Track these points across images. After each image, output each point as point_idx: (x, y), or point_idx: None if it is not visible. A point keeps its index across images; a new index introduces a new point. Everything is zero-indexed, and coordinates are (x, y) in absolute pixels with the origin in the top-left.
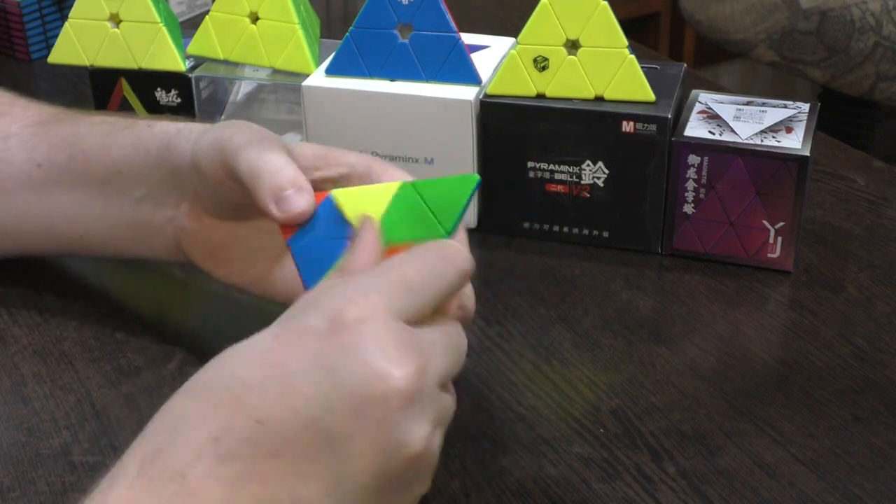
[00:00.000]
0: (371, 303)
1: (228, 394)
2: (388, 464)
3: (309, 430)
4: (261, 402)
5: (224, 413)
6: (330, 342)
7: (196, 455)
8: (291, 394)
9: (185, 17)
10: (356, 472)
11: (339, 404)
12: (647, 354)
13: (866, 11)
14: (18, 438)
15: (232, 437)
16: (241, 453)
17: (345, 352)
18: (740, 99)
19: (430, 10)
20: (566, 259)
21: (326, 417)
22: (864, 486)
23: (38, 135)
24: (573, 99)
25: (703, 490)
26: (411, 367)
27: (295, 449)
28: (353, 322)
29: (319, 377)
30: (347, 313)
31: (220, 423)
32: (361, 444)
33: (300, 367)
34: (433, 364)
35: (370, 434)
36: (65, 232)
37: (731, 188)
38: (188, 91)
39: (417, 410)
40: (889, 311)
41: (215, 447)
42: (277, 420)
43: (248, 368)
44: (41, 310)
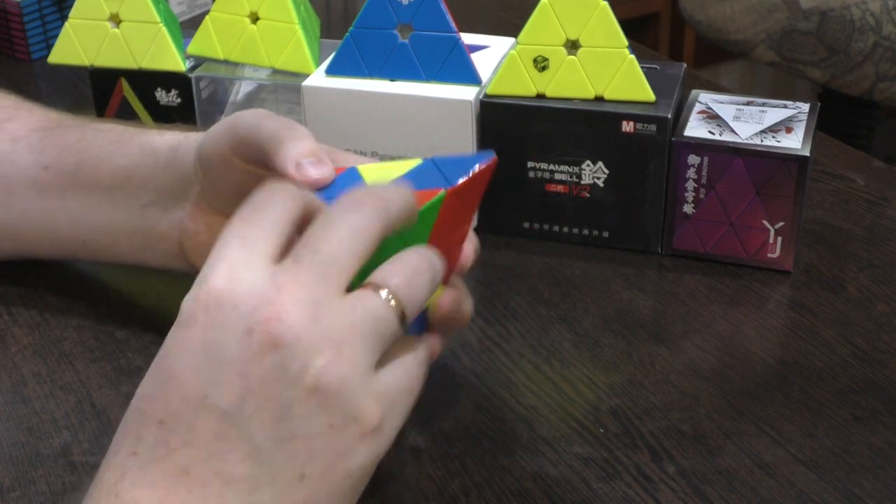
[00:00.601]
0: (219, 271)
1: (134, 411)
2: (294, 409)
3: (204, 411)
4: (157, 404)
5: (133, 428)
6: (195, 325)
7: (121, 473)
8: (177, 385)
9: (185, 17)
10: (267, 431)
11: (221, 377)
12: (647, 354)
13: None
14: (18, 438)
15: (145, 446)
16: (156, 455)
17: (209, 326)
18: (740, 99)
19: (430, 10)
20: (566, 259)
21: (214, 393)
22: (863, 485)
23: (46, 139)
24: (573, 99)
25: (702, 490)
26: (271, 307)
27: (200, 432)
28: (208, 297)
29: (196, 359)
30: (202, 291)
31: (133, 437)
32: (257, 404)
33: (177, 357)
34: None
35: (260, 391)
36: (68, 237)
37: (731, 188)
38: (188, 91)
39: (297, 344)
40: (889, 311)
41: (135, 460)
42: (174, 413)
43: (145, 382)
44: (41, 310)
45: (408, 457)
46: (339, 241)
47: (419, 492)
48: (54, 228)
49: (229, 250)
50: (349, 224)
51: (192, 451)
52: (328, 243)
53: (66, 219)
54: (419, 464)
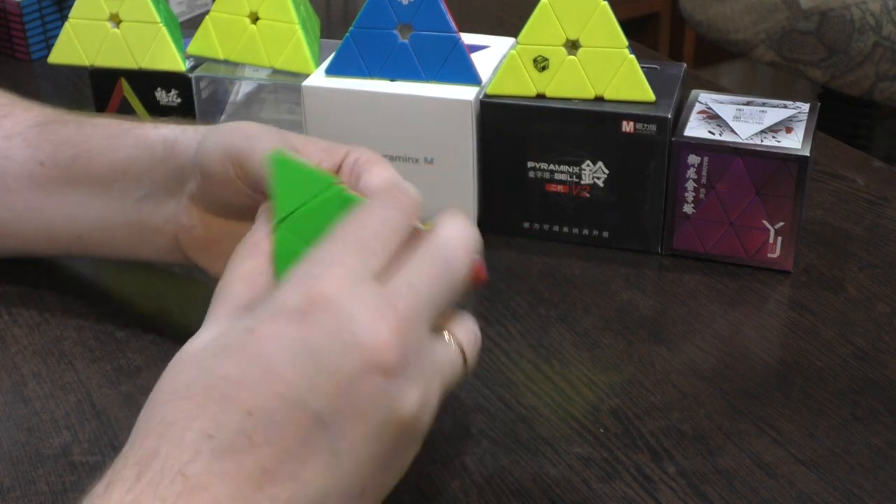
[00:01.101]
0: (335, 274)
1: (213, 392)
2: (382, 433)
3: (298, 413)
4: (246, 393)
5: (213, 409)
6: (304, 321)
7: (193, 453)
8: (274, 380)
9: (185, 17)
10: (351, 446)
11: (323, 383)
12: (647, 354)
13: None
14: (18, 438)
15: (225, 432)
16: (236, 446)
17: (320, 330)
18: (740, 99)
19: (430, 10)
20: (566, 259)
21: (313, 398)
22: (863, 485)
23: (42, 134)
24: (573, 99)
25: (702, 490)
26: (387, 333)
27: (288, 434)
28: (321, 298)
29: (299, 359)
30: (314, 290)
31: (211, 419)
32: (352, 419)
33: (278, 352)
34: (412, 313)
35: (360, 408)
36: (64, 231)
37: (731, 188)
38: (188, 91)
39: (402, 375)
40: (889, 311)
41: (210, 443)
42: (266, 408)
43: (228, 364)
44: (41, 310)
45: None
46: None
47: (419, 492)
48: (50, 223)
49: (345, 254)
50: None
51: (274, 450)
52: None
53: (62, 213)
54: (419, 464)
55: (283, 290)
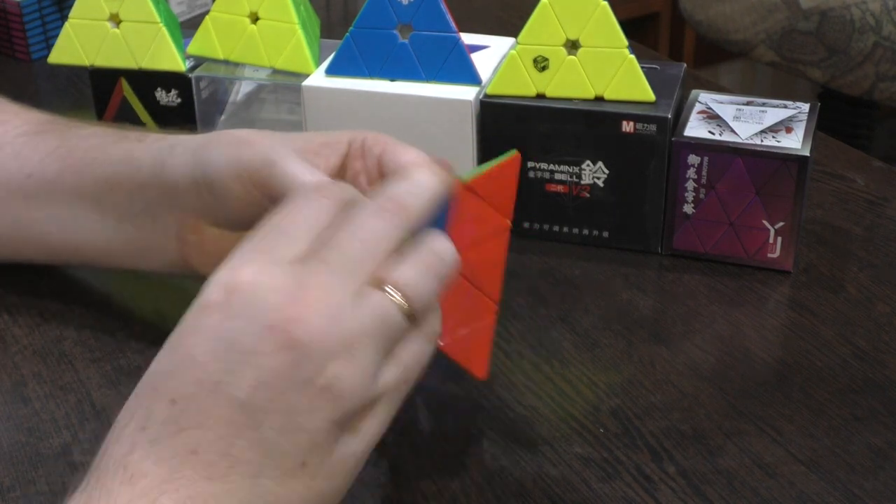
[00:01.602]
0: (251, 262)
1: (147, 385)
2: (305, 405)
3: (217, 396)
4: (170, 383)
5: (145, 403)
6: (222, 311)
7: (131, 446)
8: (192, 367)
9: (185, 17)
10: (275, 420)
11: (237, 365)
12: (647, 354)
13: (866, 11)
14: (18, 438)
15: (155, 422)
16: (166, 433)
17: (233, 316)
18: (740, 99)
19: (430, 10)
20: (566, 259)
21: (229, 380)
22: (863, 486)
23: (28, 145)
24: (573, 99)
25: (702, 490)
26: (292, 309)
27: (211, 416)
28: (235, 287)
29: (215, 345)
30: (231, 280)
31: (144, 412)
32: (270, 395)
33: (197, 342)
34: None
35: (274, 384)
36: (60, 244)
37: (730, 188)
38: (188, 91)
39: (315, 347)
40: (889, 311)
41: (144, 434)
42: (187, 395)
43: (161, 357)
44: (41, 310)
45: (408, 457)
46: (361, 243)
47: (419, 492)
48: (45, 235)
49: (263, 243)
50: (372, 229)
51: (201, 432)
52: (351, 245)
53: (56, 226)
54: (419, 464)
55: (207, 285)
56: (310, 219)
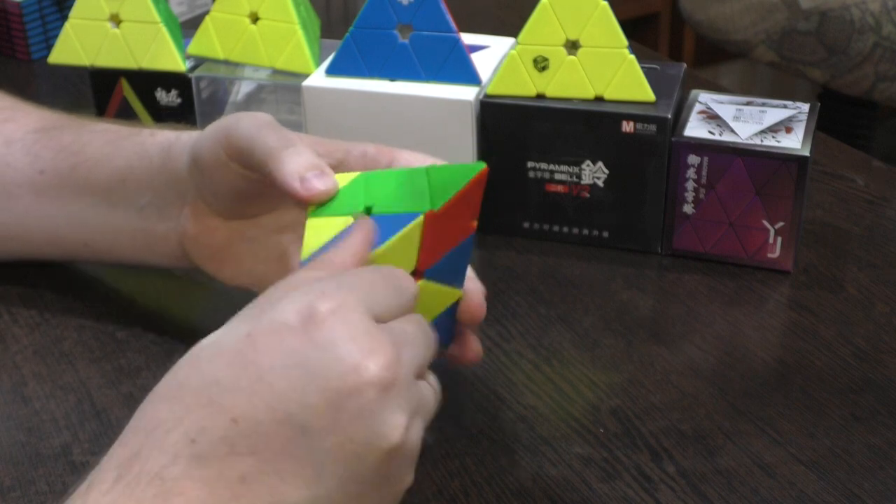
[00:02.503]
0: (343, 297)
1: (203, 394)
2: (367, 456)
3: (285, 427)
4: (235, 400)
5: (199, 413)
6: (302, 337)
7: (173, 457)
8: (265, 390)
9: (185, 17)
10: (335, 466)
11: (314, 399)
12: (647, 354)
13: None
14: (18, 438)
15: (208, 437)
16: (217, 453)
17: (317, 346)
18: (740, 99)
19: (430, 10)
20: (566, 259)
21: (302, 413)
22: (863, 486)
23: (40, 141)
24: (573, 99)
25: (702, 490)
26: (384, 358)
27: (272, 446)
28: (325, 316)
29: (293, 372)
30: (319, 307)
31: (196, 423)
32: (339, 438)
33: (273, 363)
34: (406, 354)
35: (347, 427)
36: (69, 238)
37: (730, 188)
38: (188, 91)
39: (393, 401)
40: (889, 311)
41: (192, 448)
42: (252, 418)
43: (222, 367)
44: (41, 310)
45: None
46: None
47: (419, 492)
48: (55, 230)
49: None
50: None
51: (255, 461)
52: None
53: (66, 221)
54: (419, 464)
55: (288, 302)
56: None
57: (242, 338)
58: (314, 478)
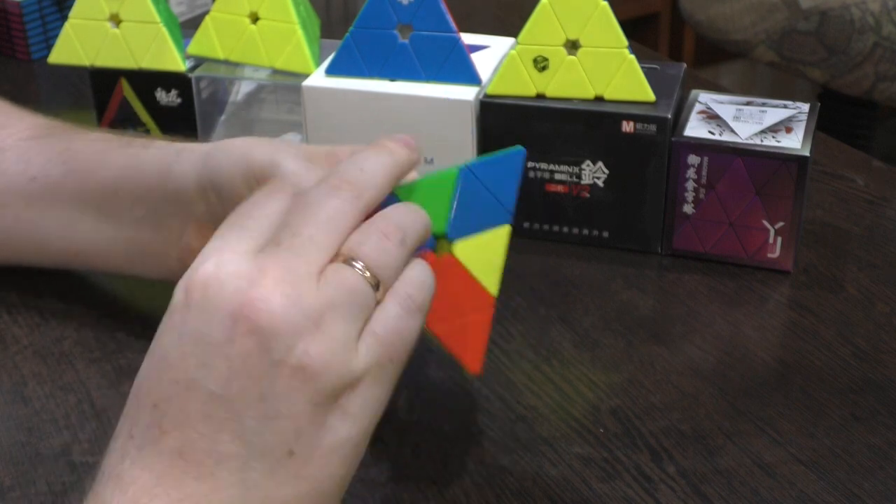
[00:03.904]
0: (210, 260)
1: (132, 395)
2: (279, 389)
3: (193, 393)
4: (150, 387)
5: (131, 412)
6: (187, 310)
7: (122, 455)
8: (167, 368)
9: (185, 17)
10: (253, 410)
11: (208, 359)
12: (647, 354)
13: (866, 11)
14: (18, 438)
15: (140, 428)
16: (151, 437)
17: (197, 312)
18: (740, 99)
19: (430, 10)
20: (566, 259)
21: (203, 375)
22: (863, 486)
23: (33, 148)
24: (573, 99)
25: (702, 490)
26: (250, 292)
27: (190, 415)
28: (197, 284)
29: (184, 343)
30: (193, 279)
31: (130, 420)
32: (242, 384)
33: (167, 341)
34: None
35: (244, 372)
36: (60, 247)
37: (730, 188)
38: (188, 91)
39: (279, 328)
40: (889, 311)
41: (132, 442)
42: (166, 396)
43: (142, 366)
44: (41, 310)
45: (408, 457)
46: (316, 223)
47: (419, 492)
48: (45, 238)
49: (221, 241)
50: (326, 209)
51: (183, 432)
52: (307, 226)
53: (57, 229)
54: (419, 464)
55: (176, 286)
56: (265, 210)
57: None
58: (241, 428)
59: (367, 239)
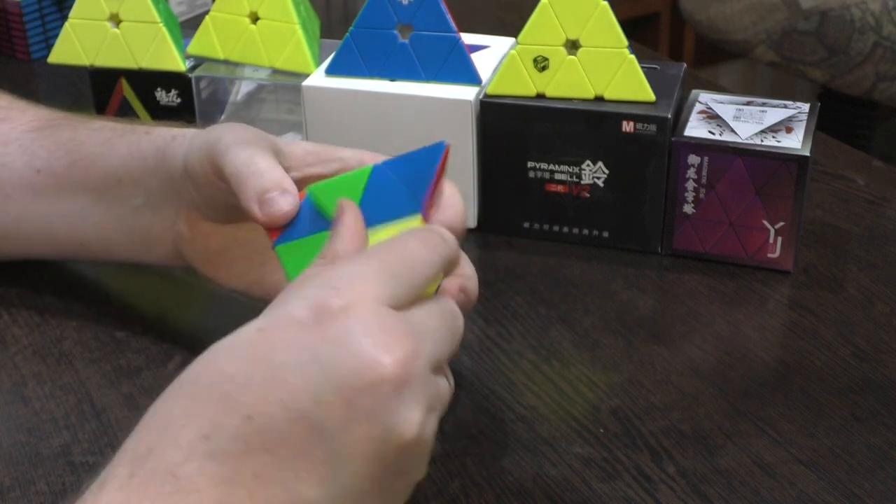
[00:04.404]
0: (355, 290)
1: (216, 390)
2: (382, 451)
3: (299, 423)
4: (249, 397)
5: (213, 410)
6: (316, 332)
7: (187, 454)
8: (280, 387)
9: (185, 17)
10: (350, 462)
11: (329, 395)
12: (647, 354)
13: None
14: (18, 438)
15: (222, 435)
16: (231, 450)
17: (331, 341)
18: (740, 99)
19: (430, 10)
20: (566, 259)
21: (316, 409)
22: (864, 486)
23: (37, 140)
24: (573, 99)
25: (702, 490)
26: (400, 353)
27: (286, 443)
28: (338, 310)
29: (307, 369)
30: (332, 301)
31: (210, 420)
32: (354, 434)
33: (287, 359)
34: (424, 348)
35: (362, 423)
36: (65, 238)
37: (730, 188)
38: (188, 91)
39: (409, 396)
40: (889, 311)
41: (206, 445)
42: (267, 414)
43: (235, 363)
44: (41, 310)
45: None
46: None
47: (419, 492)
48: (51, 230)
49: (370, 275)
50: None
51: (270, 458)
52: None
53: (62, 220)
54: None
55: (301, 296)
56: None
57: (254, 333)
58: (329, 475)
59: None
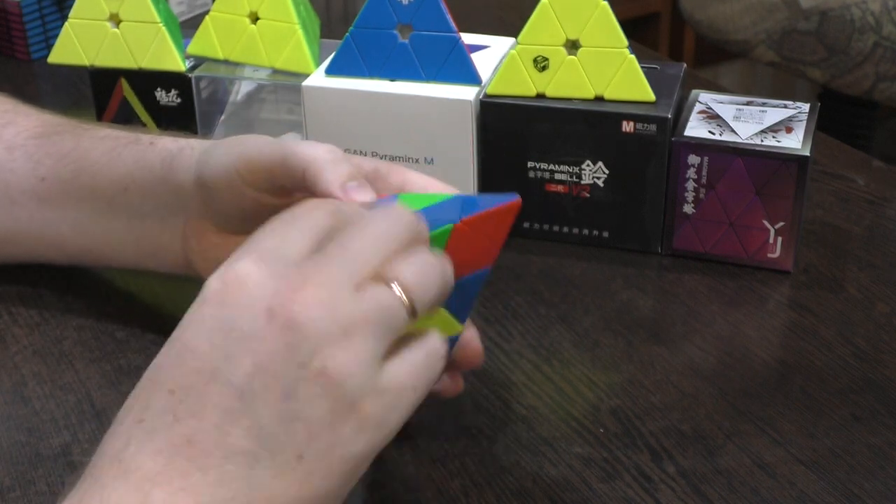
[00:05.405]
0: (251, 257)
1: (146, 380)
2: (301, 392)
3: (215, 384)
4: (168, 374)
5: (143, 395)
6: (218, 303)
7: (127, 439)
8: (190, 356)
9: (185, 17)
10: (272, 409)
11: (235, 352)
12: (647, 354)
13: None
14: (18, 438)
15: (152, 413)
16: (162, 424)
17: (230, 305)
18: (740, 99)
19: (430, 10)
20: (566, 259)
21: (227, 367)
22: (864, 486)
23: (42, 147)
24: (573, 99)
25: (703, 490)
26: (289, 293)
27: (207, 404)
28: (234, 278)
29: (211, 333)
30: (229, 273)
31: (141, 404)
32: (266, 382)
33: (195, 332)
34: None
35: (270, 369)
36: (72, 244)
37: (730, 188)
38: (188, 91)
39: (312, 332)
40: (889, 311)
41: (141, 427)
42: (185, 384)
43: (160, 353)
44: (41, 310)
45: (408, 457)
46: (363, 238)
47: (419, 492)
48: (59, 236)
49: (263, 242)
50: (379, 228)
51: (197, 422)
52: (355, 241)
53: (69, 227)
54: (419, 464)
55: (208, 279)
56: (308, 222)
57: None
58: (256, 426)
59: (411, 265)
